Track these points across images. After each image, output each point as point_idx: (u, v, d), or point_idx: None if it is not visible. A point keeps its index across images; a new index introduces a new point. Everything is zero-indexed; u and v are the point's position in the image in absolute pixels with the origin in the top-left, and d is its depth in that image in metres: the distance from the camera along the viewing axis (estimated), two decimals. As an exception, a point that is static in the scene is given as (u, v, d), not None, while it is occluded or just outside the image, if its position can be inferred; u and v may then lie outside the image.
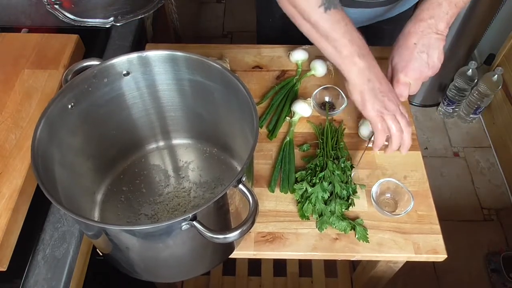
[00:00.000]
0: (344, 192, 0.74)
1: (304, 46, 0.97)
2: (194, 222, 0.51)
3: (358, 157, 0.81)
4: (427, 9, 0.72)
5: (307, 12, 0.67)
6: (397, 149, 0.74)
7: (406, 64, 0.73)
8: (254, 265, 1.32)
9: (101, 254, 0.67)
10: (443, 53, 0.74)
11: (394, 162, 0.82)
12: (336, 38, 0.68)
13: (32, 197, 0.71)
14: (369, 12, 0.92)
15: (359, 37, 0.69)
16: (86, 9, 1.00)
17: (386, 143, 0.75)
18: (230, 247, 0.68)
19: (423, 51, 0.72)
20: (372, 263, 0.94)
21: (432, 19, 0.72)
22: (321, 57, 0.92)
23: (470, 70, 1.73)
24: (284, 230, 0.73)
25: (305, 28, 0.70)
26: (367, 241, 0.71)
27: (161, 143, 0.82)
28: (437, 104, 2.00)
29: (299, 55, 0.96)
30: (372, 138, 0.75)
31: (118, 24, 0.99)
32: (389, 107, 0.70)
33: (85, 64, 0.65)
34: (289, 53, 0.98)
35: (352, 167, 0.79)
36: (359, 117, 0.88)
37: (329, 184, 0.74)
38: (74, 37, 0.90)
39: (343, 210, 0.73)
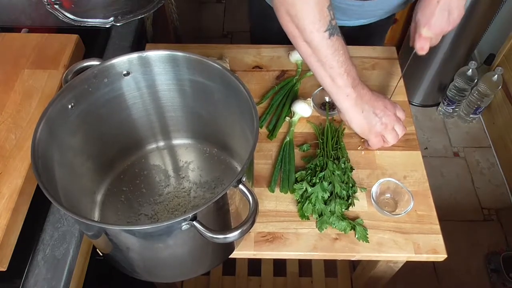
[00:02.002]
0: (344, 192, 0.74)
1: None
2: (194, 222, 0.51)
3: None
4: None
5: (310, 35, 0.66)
6: None
7: (428, 20, 0.76)
8: (254, 265, 1.32)
9: (101, 254, 0.67)
10: (464, 9, 0.77)
11: (394, 162, 0.82)
12: (334, 66, 0.68)
13: (32, 197, 0.71)
14: (396, 1, 0.92)
15: (353, 67, 0.70)
16: (86, 9, 1.00)
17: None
18: (230, 247, 0.68)
19: (444, 9, 0.75)
20: (372, 263, 0.94)
21: None
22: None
23: (470, 70, 1.73)
24: (284, 230, 0.73)
25: (303, 50, 0.70)
26: (367, 241, 0.71)
27: (161, 143, 0.82)
28: (437, 104, 2.00)
29: (299, 55, 0.96)
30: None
31: (118, 24, 0.99)
32: (387, 123, 0.76)
33: (85, 64, 0.65)
34: (289, 53, 0.98)
35: (352, 169, 0.79)
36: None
37: (329, 184, 0.74)
38: (74, 37, 0.90)
39: (343, 210, 0.73)
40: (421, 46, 0.79)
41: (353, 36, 0.98)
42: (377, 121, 0.75)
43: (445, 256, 0.71)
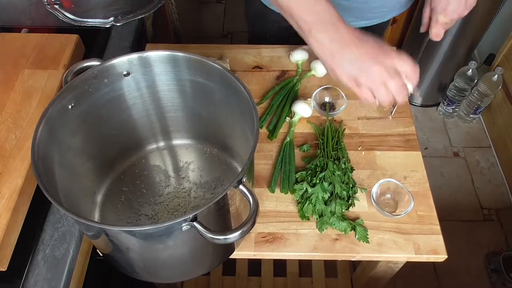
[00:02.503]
0: (344, 192, 0.74)
1: (304, 46, 0.97)
2: (195, 223, 0.50)
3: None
4: None
5: None
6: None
7: (446, 6, 0.75)
8: (254, 265, 1.32)
9: (101, 254, 0.67)
10: None
11: (394, 162, 0.82)
12: (296, 13, 0.62)
13: (32, 197, 0.71)
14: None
15: (323, 9, 0.61)
16: (86, 9, 1.00)
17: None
18: (230, 247, 0.68)
19: None
20: (372, 264, 0.94)
21: None
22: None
23: (470, 70, 1.73)
24: (284, 231, 0.73)
25: (276, 7, 0.66)
26: (367, 242, 0.71)
27: (162, 144, 0.82)
28: (437, 104, 2.00)
29: (299, 55, 0.96)
30: None
31: (118, 24, 0.99)
32: (370, 75, 0.61)
33: (85, 64, 0.65)
34: (289, 53, 0.98)
35: (352, 169, 0.79)
36: (360, 117, 0.88)
37: (329, 185, 0.74)
38: (74, 37, 0.90)
39: (343, 210, 0.73)
40: (437, 33, 0.78)
41: None
42: (356, 66, 0.62)
43: (446, 256, 0.71)
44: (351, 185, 0.76)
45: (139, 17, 1.01)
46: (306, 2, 0.62)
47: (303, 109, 0.86)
